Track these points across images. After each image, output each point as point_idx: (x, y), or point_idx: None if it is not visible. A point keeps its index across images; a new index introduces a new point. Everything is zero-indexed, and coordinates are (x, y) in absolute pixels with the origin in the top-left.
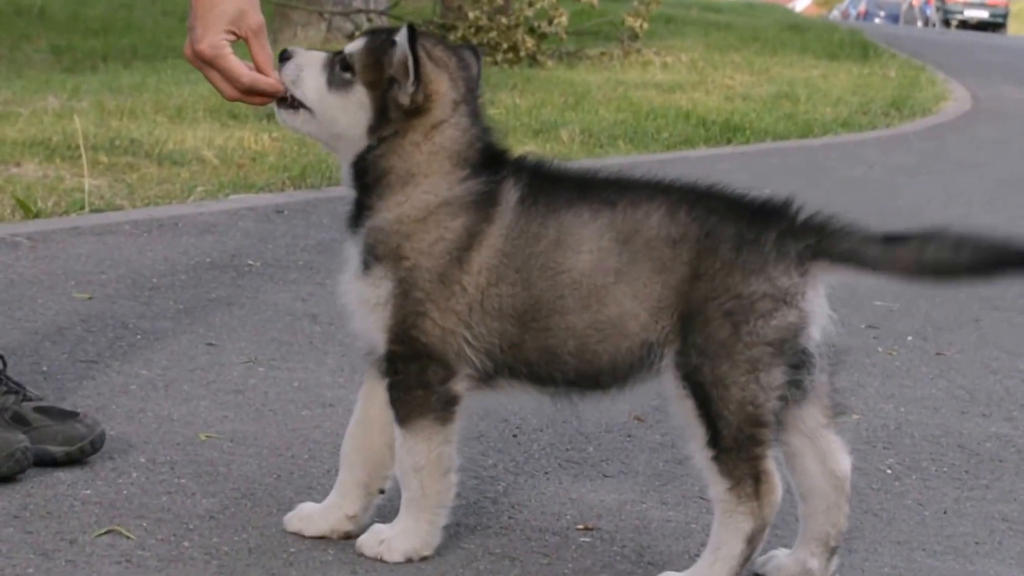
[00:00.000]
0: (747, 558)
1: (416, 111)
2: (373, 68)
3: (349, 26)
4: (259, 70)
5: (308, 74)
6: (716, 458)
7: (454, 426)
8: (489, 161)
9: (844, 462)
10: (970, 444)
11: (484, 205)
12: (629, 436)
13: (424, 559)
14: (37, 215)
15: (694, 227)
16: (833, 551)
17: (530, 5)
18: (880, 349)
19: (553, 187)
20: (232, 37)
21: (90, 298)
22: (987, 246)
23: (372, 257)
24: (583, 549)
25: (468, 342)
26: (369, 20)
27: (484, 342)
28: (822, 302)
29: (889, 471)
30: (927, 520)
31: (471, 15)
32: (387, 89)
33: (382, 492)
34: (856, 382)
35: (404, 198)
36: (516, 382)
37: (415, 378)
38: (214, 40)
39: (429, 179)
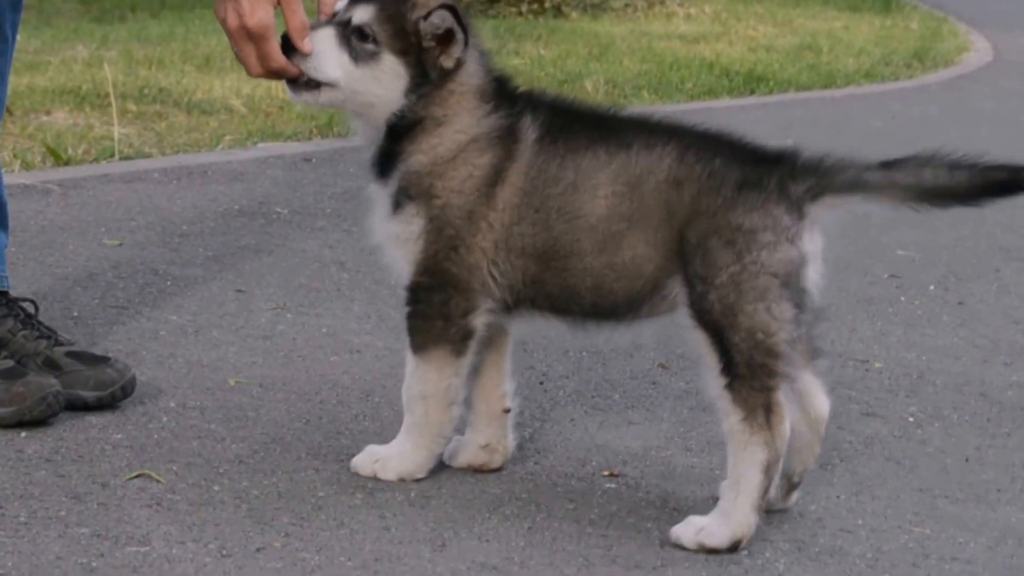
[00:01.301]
0: (766, 489)
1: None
2: (400, 36)
3: None
4: (292, 36)
5: (327, 54)
6: (729, 386)
7: (466, 360)
8: (502, 91)
9: (822, 403)
10: (992, 392)
11: (506, 141)
12: (654, 383)
13: (417, 481)
14: (67, 162)
15: (698, 167)
16: (795, 487)
17: None
18: (902, 298)
19: (571, 127)
20: (274, 7)
21: (120, 244)
22: (980, 169)
23: (405, 197)
24: (608, 495)
25: (494, 277)
26: None
27: (508, 278)
28: (818, 244)
29: (911, 419)
30: (949, 467)
31: None
32: (419, 52)
33: (507, 411)
34: (879, 331)
35: (438, 140)
36: (536, 312)
37: (437, 309)
38: (264, 18)
39: (459, 117)
